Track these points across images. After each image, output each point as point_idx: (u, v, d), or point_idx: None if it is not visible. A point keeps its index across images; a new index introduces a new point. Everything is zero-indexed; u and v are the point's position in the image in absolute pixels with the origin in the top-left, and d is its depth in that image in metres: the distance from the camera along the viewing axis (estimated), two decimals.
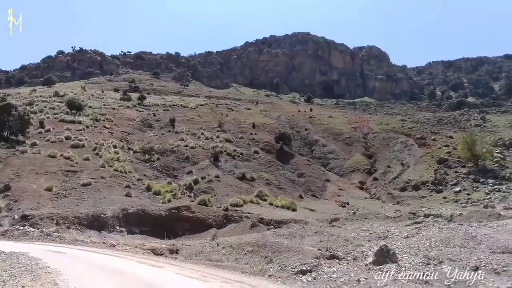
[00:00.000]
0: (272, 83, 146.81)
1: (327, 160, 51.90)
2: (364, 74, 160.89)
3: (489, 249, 9.93)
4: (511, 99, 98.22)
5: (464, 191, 34.57)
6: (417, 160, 45.05)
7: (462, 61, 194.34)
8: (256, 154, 45.44)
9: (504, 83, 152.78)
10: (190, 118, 58.84)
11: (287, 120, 69.09)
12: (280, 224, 21.22)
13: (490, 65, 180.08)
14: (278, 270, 8.69)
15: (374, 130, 60.50)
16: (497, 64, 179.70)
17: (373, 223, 20.09)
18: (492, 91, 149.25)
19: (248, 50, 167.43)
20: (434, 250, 10.16)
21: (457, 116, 65.13)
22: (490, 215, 19.02)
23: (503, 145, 46.03)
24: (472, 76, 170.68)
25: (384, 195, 38.89)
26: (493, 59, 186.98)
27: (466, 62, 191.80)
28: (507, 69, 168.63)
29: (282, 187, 37.99)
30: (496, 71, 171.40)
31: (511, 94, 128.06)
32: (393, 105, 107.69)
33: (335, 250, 10.65)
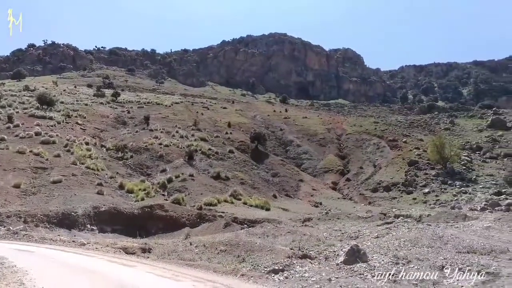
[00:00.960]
0: (248, 83, 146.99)
1: (301, 161, 52.35)
2: (339, 76, 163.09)
3: (455, 249, 10.28)
4: (478, 104, 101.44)
5: (433, 192, 35.50)
6: (388, 162, 46.00)
7: (433, 66, 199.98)
8: (231, 154, 45.38)
9: (472, 89, 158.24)
10: (165, 116, 58.23)
11: (263, 120, 69.29)
12: (253, 224, 21.27)
13: (460, 71, 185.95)
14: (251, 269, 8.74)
15: (347, 132, 61.42)
16: (466, 70, 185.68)
17: (345, 223, 20.43)
18: (461, 96, 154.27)
19: (225, 49, 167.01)
20: (403, 250, 10.43)
21: (427, 120, 66.85)
22: (457, 216, 19.67)
23: (470, 149, 47.61)
24: (443, 81, 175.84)
25: (356, 195, 39.53)
26: (462, 65, 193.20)
27: (437, 67, 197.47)
28: (475, 75, 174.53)
29: (256, 187, 38.08)
30: (465, 77, 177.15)
31: (479, 99, 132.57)
32: (366, 107, 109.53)
33: (308, 249, 10.79)
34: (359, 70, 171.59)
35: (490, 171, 39.63)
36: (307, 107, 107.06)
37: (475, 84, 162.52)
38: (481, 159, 44.05)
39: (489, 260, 8.81)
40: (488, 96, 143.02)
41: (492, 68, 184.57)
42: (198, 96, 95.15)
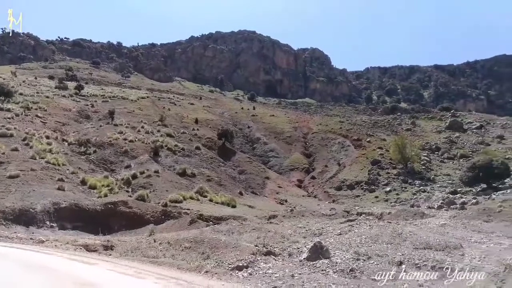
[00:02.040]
0: (217, 79, 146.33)
1: (267, 158, 52.71)
2: (307, 76, 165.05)
3: (412, 245, 10.67)
4: (438, 106, 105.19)
5: (394, 191, 36.59)
6: (352, 161, 47.03)
7: (396, 68, 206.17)
8: (198, 150, 45.09)
9: (432, 91, 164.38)
10: (131, 111, 57.10)
11: (230, 117, 69.24)
12: (219, 221, 21.27)
13: (421, 74, 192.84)
14: (215, 266, 8.77)
15: (313, 131, 62.32)
16: (427, 73, 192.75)
17: (309, 220, 20.77)
18: (422, 98, 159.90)
19: (193, 44, 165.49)
20: (364, 247, 10.74)
21: (390, 120, 68.71)
22: (415, 213, 20.39)
23: (430, 149, 49.41)
24: (405, 83, 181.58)
25: (321, 193, 40.20)
26: (424, 68, 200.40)
27: (400, 69, 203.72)
28: (435, 78, 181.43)
29: (222, 184, 38.04)
30: (426, 80, 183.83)
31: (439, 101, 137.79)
32: (332, 107, 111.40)
33: (272, 246, 10.93)
34: (326, 70, 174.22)
35: (447, 171, 41.31)
36: (274, 105, 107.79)
37: (435, 87, 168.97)
38: (439, 160, 45.82)
39: (443, 256, 9.21)
40: (447, 99, 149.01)
41: (451, 72, 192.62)
42: (165, 92, 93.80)
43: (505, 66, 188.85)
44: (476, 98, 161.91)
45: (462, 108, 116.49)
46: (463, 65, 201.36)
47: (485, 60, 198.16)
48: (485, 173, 32.48)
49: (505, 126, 58.79)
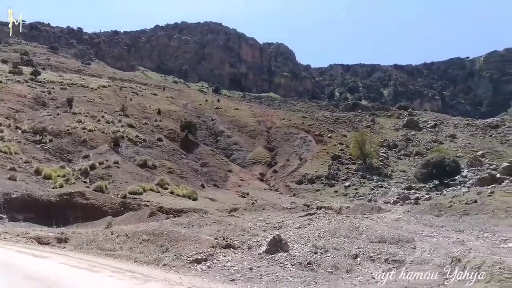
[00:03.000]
0: (181, 70, 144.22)
1: (231, 151, 52.69)
2: (271, 70, 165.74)
3: (368, 239, 11.00)
4: (396, 105, 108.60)
5: (353, 186, 37.57)
6: (314, 156, 47.84)
7: (358, 66, 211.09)
8: (160, 142, 44.41)
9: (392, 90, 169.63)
10: (91, 99, 55.33)
11: (194, 109, 68.56)
12: (179, 213, 21.08)
13: (382, 73, 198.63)
14: (174, 259, 8.69)
15: (277, 125, 62.80)
16: (387, 72, 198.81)
17: (270, 213, 20.91)
18: (382, 96, 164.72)
19: (158, 34, 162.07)
20: (322, 240, 10.98)
21: (351, 117, 70.32)
22: (372, 208, 21.00)
23: (388, 146, 51.06)
24: (366, 81, 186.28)
25: (282, 187, 40.67)
26: (384, 68, 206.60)
27: (362, 68, 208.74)
28: (395, 77, 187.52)
29: (184, 176, 37.71)
30: (386, 79, 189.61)
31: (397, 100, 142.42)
32: (296, 102, 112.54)
33: (232, 239, 10.96)
34: (290, 66, 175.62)
35: (403, 167, 42.85)
36: (239, 98, 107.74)
37: (395, 86, 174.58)
38: (396, 156, 47.45)
39: (396, 249, 9.56)
40: (405, 98, 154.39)
41: (409, 72, 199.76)
42: (128, 81, 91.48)
43: (458, 68, 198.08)
44: (431, 98, 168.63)
45: (418, 107, 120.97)
46: (421, 66, 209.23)
47: (440, 62, 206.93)
48: (438, 170, 33.93)
49: (457, 125, 61.63)
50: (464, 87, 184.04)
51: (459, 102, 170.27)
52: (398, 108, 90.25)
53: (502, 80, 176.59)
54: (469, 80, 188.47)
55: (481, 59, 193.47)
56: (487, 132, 57.29)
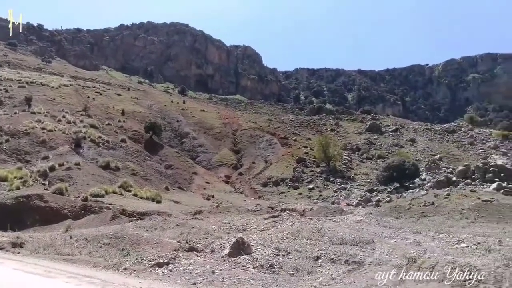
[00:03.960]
0: (146, 71, 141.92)
1: (196, 153, 52.27)
2: (238, 72, 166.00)
3: (330, 241, 11.23)
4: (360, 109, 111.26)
5: (317, 188, 38.08)
6: (279, 158, 48.21)
7: (324, 70, 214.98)
8: (124, 143, 43.48)
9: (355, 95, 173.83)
10: (51, 99, 53.45)
11: (159, 110, 67.55)
12: (143, 216, 20.73)
13: (346, 77, 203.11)
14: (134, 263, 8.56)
15: (243, 127, 62.88)
16: (351, 77, 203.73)
17: (234, 216, 20.97)
18: (346, 100, 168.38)
19: (123, 33, 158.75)
20: (285, 242, 11.12)
21: (316, 120, 71.29)
22: (335, 210, 21.46)
23: (351, 149, 52.19)
24: (331, 85, 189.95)
25: (248, 189, 40.73)
26: (348, 72, 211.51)
27: (327, 72, 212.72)
28: (359, 82, 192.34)
29: (148, 178, 37.09)
30: (350, 83, 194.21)
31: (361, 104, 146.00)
32: (262, 105, 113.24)
33: (195, 242, 10.92)
34: (257, 68, 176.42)
35: (365, 170, 43.88)
36: (205, 100, 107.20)
37: (358, 91, 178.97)
38: (359, 159, 48.55)
39: (356, 250, 9.83)
40: (368, 102, 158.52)
41: (372, 78, 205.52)
42: (90, 80, 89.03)
43: (418, 75, 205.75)
44: (393, 103, 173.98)
45: (381, 112, 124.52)
46: (383, 72, 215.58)
47: (402, 68, 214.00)
48: (398, 173, 35.05)
49: (416, 130, 63.78)
50: (424, 93, 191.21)
51: (419, 107, 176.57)
52: (361, 112, 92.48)
53: (459, 87, 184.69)
54: (429, 86, 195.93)
55: (440, 66, 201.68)
56: (444, 137, 59.59)
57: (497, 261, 7.97)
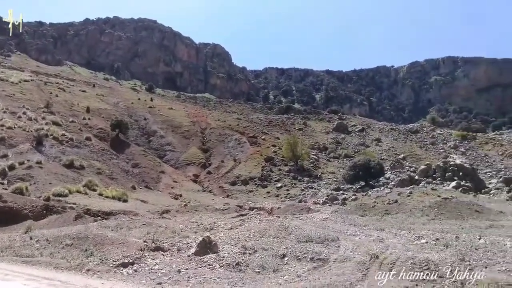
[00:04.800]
0: (113, 67, 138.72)
1: (164, 152, 51.63)
2: (207, 71, 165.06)
3: (296, 239, 11.36)
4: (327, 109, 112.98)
5: (285, 187, 38.43)
6: (248, 157, 48.31)
7: (292, 70, 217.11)
8: (88, 141, 42.39)
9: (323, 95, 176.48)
10: (10, 94, 51.42)
11: (126, 107, 66.23)
12: (108, 216, 20.29)
13: (314, 78, 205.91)
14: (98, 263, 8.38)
15: (211, 126, 62.58)
16: (319, 77, 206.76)
17: (202, 215, 20.85)
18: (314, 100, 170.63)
19: (88, 28, 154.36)
20: (252, 240, 11.18)
21: (284, 120, 71.90)
22: (302, 208, 21.68)
23: (318, 148, 52.98)
24: (300, 85, 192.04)
25: (216, 188, 40.61)
26: (317, 72, 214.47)
27: (296, 72, 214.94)
28: (327, 82, 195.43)
29: (114, 177, 36.34)
30: (319, 83, 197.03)
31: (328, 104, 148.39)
32: (231, 104, 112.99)
33: (161, 241, 10.81)
34: (226, 67, 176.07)
35: (332, 169, 44.66)
36: (173, 98, 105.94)
37: (326, 91, 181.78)
38: (326, 158, 49.36)
39: (321, 248, 9.99)
40: (335, 102, 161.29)
41: (340, 78, 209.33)
42: (53, 76, 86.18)
43: (384, 76, 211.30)
44: (360, 103, 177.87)
45: (348, 112, 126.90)
46: (351, 72, 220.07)
47: (369, 69, 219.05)
48: (364, 172, 35.84)
49: (382, 130, 65.52)
50: (389, 94, 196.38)
51: (384, 108, 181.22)
52: (329, 112, 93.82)
53: (422, 88, 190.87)
54: (394, 87, 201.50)
55: (404, 68, 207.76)
56: (408, 137, 61.53)
57: (453, 256, 8.33)
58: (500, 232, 12.09)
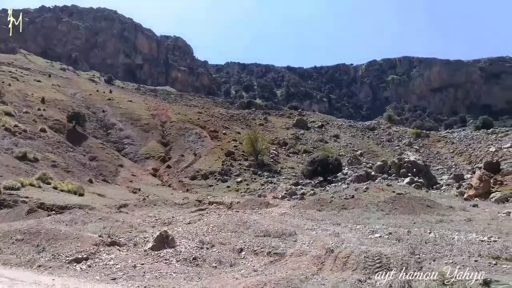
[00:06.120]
0: (70, 57, 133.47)
1: (122, 145, 50.49)
2: (168, 63, 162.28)
3: (254, 233, 11.54)
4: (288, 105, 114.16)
5: (245, 181, 38.62)
6: (208, 151, 48.13)
7: (254, 66, 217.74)
8: (43, 133, 40.77)
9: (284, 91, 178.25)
10: None
11: (84, 99, 64.12)
12: (63, 210, 19.66)
13: (275, 73, 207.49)
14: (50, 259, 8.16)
15: (172, 119, 61.78)
16: (280, 73, 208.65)
17: (161, 209, 20.67)
18: (275, 96, 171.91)
19: (44, 15, 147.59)
20: (210, 235, 11.25)
21: (245, 115, 72.03)
22: (261, 203, 21.92)
23: (278, 144, 53.57)
24: (261, 80, 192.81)
25: (176, 182, 40.24)
26: (278, 68, 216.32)
27: (257, 67, 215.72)
28: (288, 79, 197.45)
29: (70, 170, 35.20)
30: (280, 79, 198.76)
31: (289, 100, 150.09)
32: (192, 97, 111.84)
33: (118, 236, 10.66)
34: (188, 60, 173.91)
35: (291, 164, 45.35)
36: (133, 90, 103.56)
37: (287, 87, 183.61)
38: (286, 154, 50.03)
39: (279, 242, 10.21)
40: (296, 98, 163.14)
41: (300, 75, 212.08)
42: (6, 64, 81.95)
43: (344, 74, 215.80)
44: (320, 100, 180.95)
45: (308, 108, 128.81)
46: (311, 69, 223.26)
47: (329, 66, 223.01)
48: (322, 167, 36.59)
49: (340, 127, 67.08)
50: (348, 91, 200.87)
51: (343, 105, 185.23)
52: (289, 108, 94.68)
53: (380, 87, 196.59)
54: (353, 85, 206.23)
55: (363, 66, 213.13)
56: (365, 134, 63.34)
57: (404, 249, 8.74)
58: (449, 226, 12.73)
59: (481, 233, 11.20)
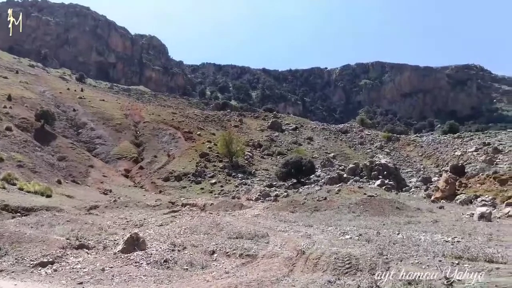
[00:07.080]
0: (40, 53, 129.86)
1: (93, 145, 49.36)
2: (142, 63, 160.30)
3: (227, 235, 11.48)
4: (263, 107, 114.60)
5: (219, 183, 38.46)
6: (182, 152, 47.68)
7: (230, 67, 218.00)
8: (9, 131, 39.39)
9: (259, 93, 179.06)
10: None
11: (53, 97, 62.36)
12: (29, 212, 19.00)
13: (251, 75, 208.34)
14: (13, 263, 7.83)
15: (145, 120, 60.91)
16: (256, 75, 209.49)
17: (132, 211, 20.33)
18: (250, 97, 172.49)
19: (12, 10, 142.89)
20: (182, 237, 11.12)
21: (220, 116, 71.82)
22: (235, 205, 21.88)
23: (253, 145, 53.65)
24: (237, 82, 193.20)
25: (148, 184, 39.68)
26: (253, 70, 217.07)
27: (233, 69, 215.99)
28: (263, 81, 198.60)
29: (37, 171, 34.13)
30: (255, 81, 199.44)
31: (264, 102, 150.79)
32: (166, 98, 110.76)
33: (86, 239, 10.37)
34: (162, 60, 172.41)
35: (266, 166, 45.49)
36: (106, 89, 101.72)
37: (262, 89, 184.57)
38: (260, 155, 50.15)
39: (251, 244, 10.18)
40: (271, 101, 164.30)
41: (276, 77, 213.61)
42: None
43: (318, 77, 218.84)
44: (294, 102, 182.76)
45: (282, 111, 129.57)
46: (286, 72, 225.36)
47: (303, 70, 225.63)
48: (296, 169, 36.87)
49: (314, 129, 67.79)
50: (322, 94, 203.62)
51: (317, 108, 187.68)
52: (264, 110, 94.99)
53: (353, 91, 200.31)
54: (326, 88, 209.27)
55: (337, 70, 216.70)
56: (338, 137, 64.27)
57: (373, 250, 8.87)
58: (417, 228, 13.02)
59: (446, 234, 11.49)
